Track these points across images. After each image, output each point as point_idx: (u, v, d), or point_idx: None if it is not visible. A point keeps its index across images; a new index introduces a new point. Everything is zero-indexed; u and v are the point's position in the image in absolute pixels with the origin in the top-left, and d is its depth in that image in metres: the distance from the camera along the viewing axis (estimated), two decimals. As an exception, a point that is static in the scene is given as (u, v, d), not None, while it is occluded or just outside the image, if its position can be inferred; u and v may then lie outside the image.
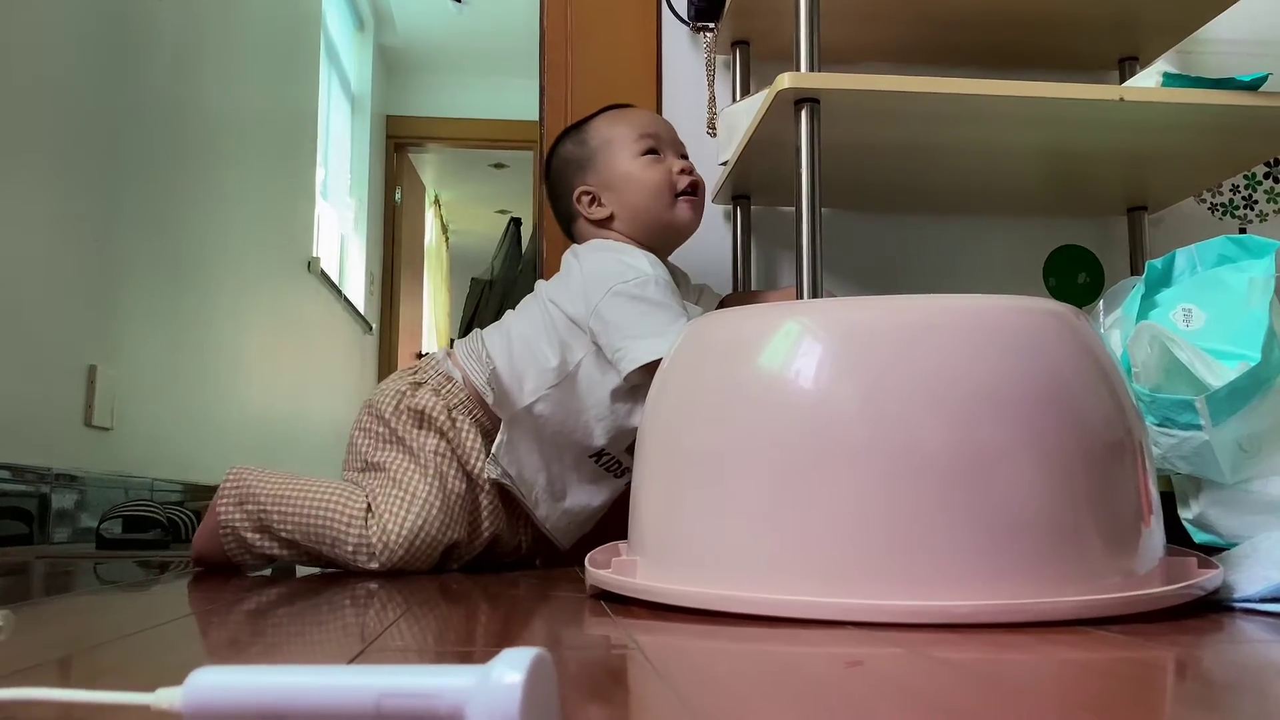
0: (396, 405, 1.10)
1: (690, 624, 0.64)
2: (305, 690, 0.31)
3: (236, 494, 1.06)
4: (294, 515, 1.03)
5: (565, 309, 1.10)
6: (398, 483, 1.04)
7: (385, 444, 1.09)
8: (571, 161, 1.22)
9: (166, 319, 2.36)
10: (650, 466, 0.79)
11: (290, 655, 0.52)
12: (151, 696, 0.32)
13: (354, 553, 1.01)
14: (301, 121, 3.60)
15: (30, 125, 1.71)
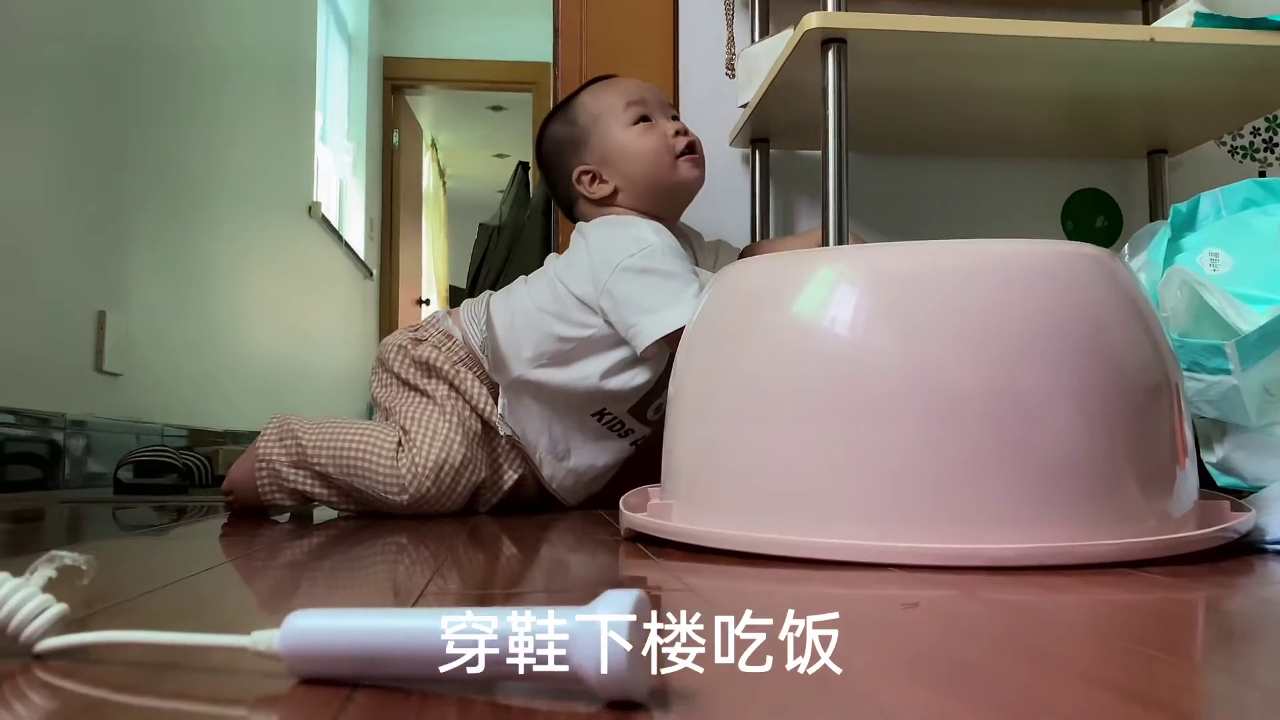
0: (401, 358, 1.12)
1: (731, 566, 0.64)
2: (403, 633, 0.31)
3: (277, 432, 1.09)
4: (329, 449, 1.05)
5: (573, 288, 1.09)
6: (417, 420, 1.07)
7: (399, 391, 1.12)
8: (564, 143, 1.20)
9: (171, 264, 2.35)
10: (685, 411, 0.79)
11: (343, 603, 0.53)
12: (249, 639, 0.33)
13: (385, 486, 1.03)
14: (300, 63, 3.55)
15: (35, 67, 1.68)
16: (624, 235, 1.09)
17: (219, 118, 2.67)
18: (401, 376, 1.12)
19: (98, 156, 1.94)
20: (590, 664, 0.28)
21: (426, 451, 1.03)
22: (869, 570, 0.62)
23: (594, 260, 1.09)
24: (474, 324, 1.12)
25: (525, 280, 1.18)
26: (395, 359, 1.13)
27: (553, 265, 1.16)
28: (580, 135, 1.18)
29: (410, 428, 1.06)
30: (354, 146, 4.57)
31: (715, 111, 1.42)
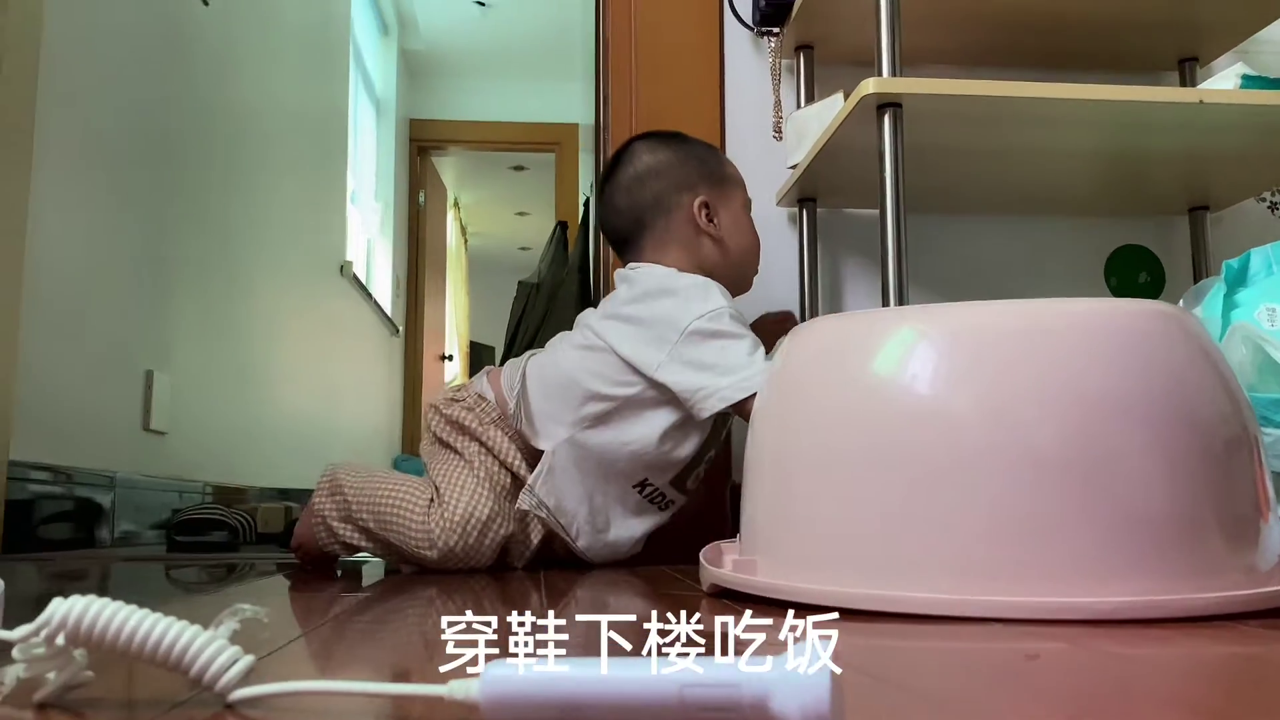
0: (437, 419, 1.15)
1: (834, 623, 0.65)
2: (605, 682, 0.32)
3: (329, 485, 1.13)
4: (368, 503, 1.09)
5: (621, 348, 1.07)
6: (447, 476, 1.09)
7: (436, 450, 1.15)
8: (692, 167, 1.17)
9: (213, 323, 2.39)
10: (766, 468, 0.81)
11: None
12: (445, 688, 0.34)
13: (416, 540, 1.05)
14: (332, 126, 3.63)
15: (88, 130, 1.73)
16: (692, 295, 1.06)
17: (257, 179, 2.73)
18: (438, 436, 1.14)
19: (144, 217, 1.98)
20: (812, 713, 0.30)
21: (453, 506, 1.05)
22: (965, 624, 0.63)
23: (656, 323, 1.06)
24: (509, 389, 1.13)
25: (560, 339, 1.18)
26: (433, 419, 1.16)
27: (590, 320, 1.13)
28: (714, 176, 1.18)
29: (441, 484, 1.08)
30: (381, 206, 4.64)
31: (761, 171, 1.45)
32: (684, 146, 1.20)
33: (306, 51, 3.26)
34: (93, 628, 0.37)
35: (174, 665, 0.37)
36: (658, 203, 1.16)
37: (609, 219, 1.21)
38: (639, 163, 1.18)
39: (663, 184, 1.16)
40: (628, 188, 1.18)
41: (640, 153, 1.19)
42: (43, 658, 0.37)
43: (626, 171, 1.19)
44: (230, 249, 2.51)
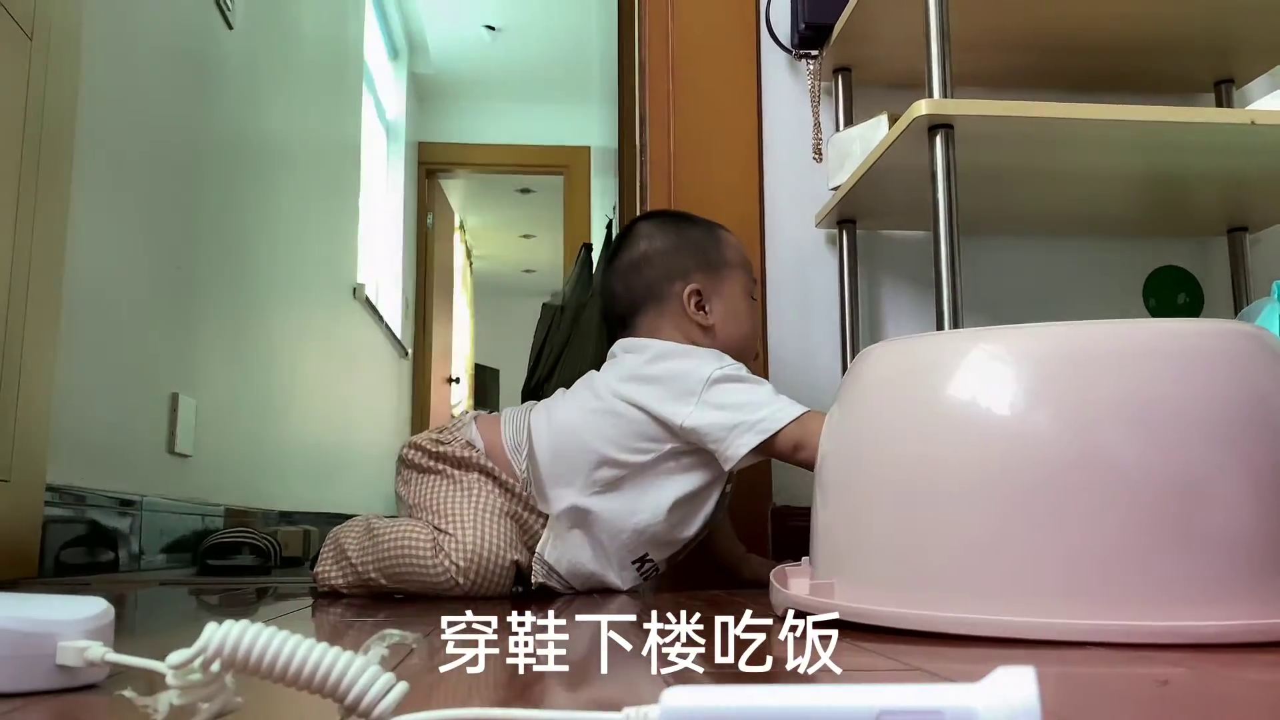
0: (420, 455, 1.11)
1: (923, 646, 0.65)
2: (796, 709, 0.32)
3: (333, 554, 1.10)
4: (374, 561, 1.05)
5: (647, 405, 1.06)
6: (444, 507, 1.05)
7: (421, 482, 1.10)
8: (692, 253, 1.17)
9: (233, 346, 2.39)
10: (840, 491, 0.80)
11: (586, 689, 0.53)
12: (620, 715, 0.33)
13: (436, 582, 1.01)
14: (345, 149, 3.64)
15: (119, 157, 1.73)
16: (705, 356, 1.09)
17: (275, 203, 2.73)
18: (422, 466, 1.10)
19: (170, 242, 1.98)
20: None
21: (462, 539, 1.01)
22: (1063, 649, 0.62)
23: (678, 377, 1.06)
24: (516, 449, 1.09)
25: (566, 399, 1.14)
26: (412, 454, 1.12)
27: (608, 383, 1.10)
28: (711, 263, 1.17)
29: (441, 523, 1.04)
30: (392, 229, 4.65)
31: (798, 193, 1.46)
32: (684, 231, 1.20)
33: (322, 75, 3.28)
34: (249, 653, 0.36)
35: (328, 692, 0.36)
36: (650, 291, 1.16)
37: (607, 302, 1.23)
38: (636, 249, 1.19)
39: (656, 272, 1.17)
40: (624, 274, 1.19)
41: (639, 238, 1.20)
42: (198, 684, 0.36)
43: (624, 257, 1.20)
44: (250, 273, 2.51)
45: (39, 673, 0.45)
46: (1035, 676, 0.30)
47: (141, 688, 0.48)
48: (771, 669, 0.57)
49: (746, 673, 0.55)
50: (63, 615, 0.46)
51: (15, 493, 1.22)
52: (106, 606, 0.48)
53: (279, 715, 0.40)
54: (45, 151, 1.27)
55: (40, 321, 1.27)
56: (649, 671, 0.53)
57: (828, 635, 0.34)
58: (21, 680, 0.44)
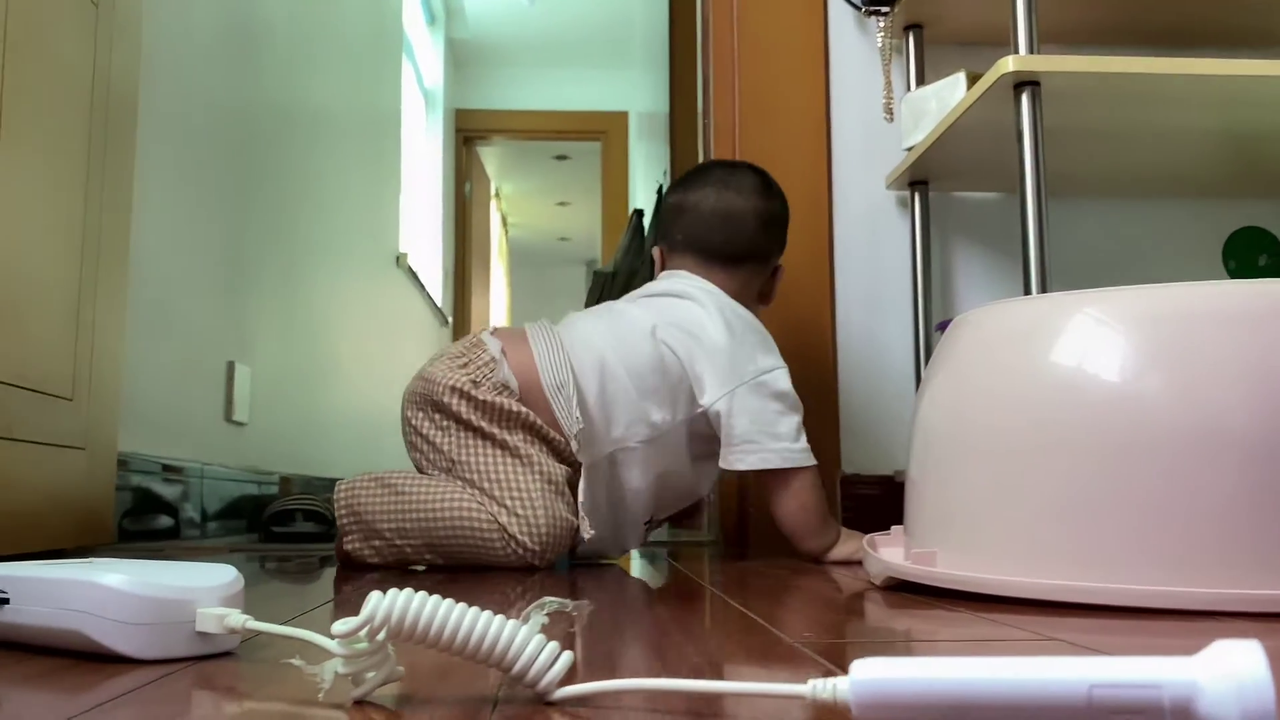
0: (462, 403, 1.00)
1: (1041, 616, 0.63)
2: (999, 682, 0.30)
3: (356, 527, 0.99)
4: (423, 536, 0.97)
5: (686, 361, 1.03)
6: (506, 481, 0.98)
7: (466, 440, 1.00)
8: (781, 230, 1.17)
9: (284, 315, 2.39)
10: (942, 460, 0.78)
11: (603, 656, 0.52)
12: (806, 687, 0.32)
13: (508, 560, 0.97)
14: (387, 118, 3.62)
15: (175, 130, 1.73)
16: (758, 345, 1.06)
17: (322, 174, 2.73)
18: (470, 423, 1.00)
19: (224, 213, 1.98)
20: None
21: (535, 521, 0.96)
22: (1185, 619, 0.61)
23: (735, 350, 1.04)
24: (557, 390, 1.01)
25: (606, 324, 1.07)
26: (456, 403, 1.00)
27: (658, 327, 1.05)
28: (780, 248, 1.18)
29: (504, 497, 0.97)
30: (431, 197, 4.64)
31: (867, 154, 1.43)
32: (786, 207, 1.18)
33: (363, 43, 3.26)
34: (415, 622, 0.35)
35: (494, 662, 0.36)
36: (759, 249, 1.15)
37: (719, 236, 1.13)
38: (775, 203, 1.16)
39: (774, 237, 1.16)
40: (764, 219, 1.14)
41: (767, 192, 1.16)
42: (363, 654, 0.35)
43: (756, 203, 1.14)
44: (298, 242, 2.51)
45: (179, 639, 0.44)
46: (1262, 650, 0.29)
47: (272, 654, 0.48)
48: (896, 639, 0.56)
49: (868, 644, 0.54)
50: (199, 583, 0.45)
51: (90, 461, 1.23)
52: (237, 575, 0.47)
53: (439, 684, 0.40)
54: (112, 121, 1.27)
55: (110, 292, 1.27)
56: (775, 640, 0.52)
57: (929, 602, 0.32)
58: (163, 647, 0.44)
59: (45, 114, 1.10)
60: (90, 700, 0.37)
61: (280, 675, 0.42)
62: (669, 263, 1.17)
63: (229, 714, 0.35)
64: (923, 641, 0.54)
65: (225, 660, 0.45)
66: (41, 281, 1.10)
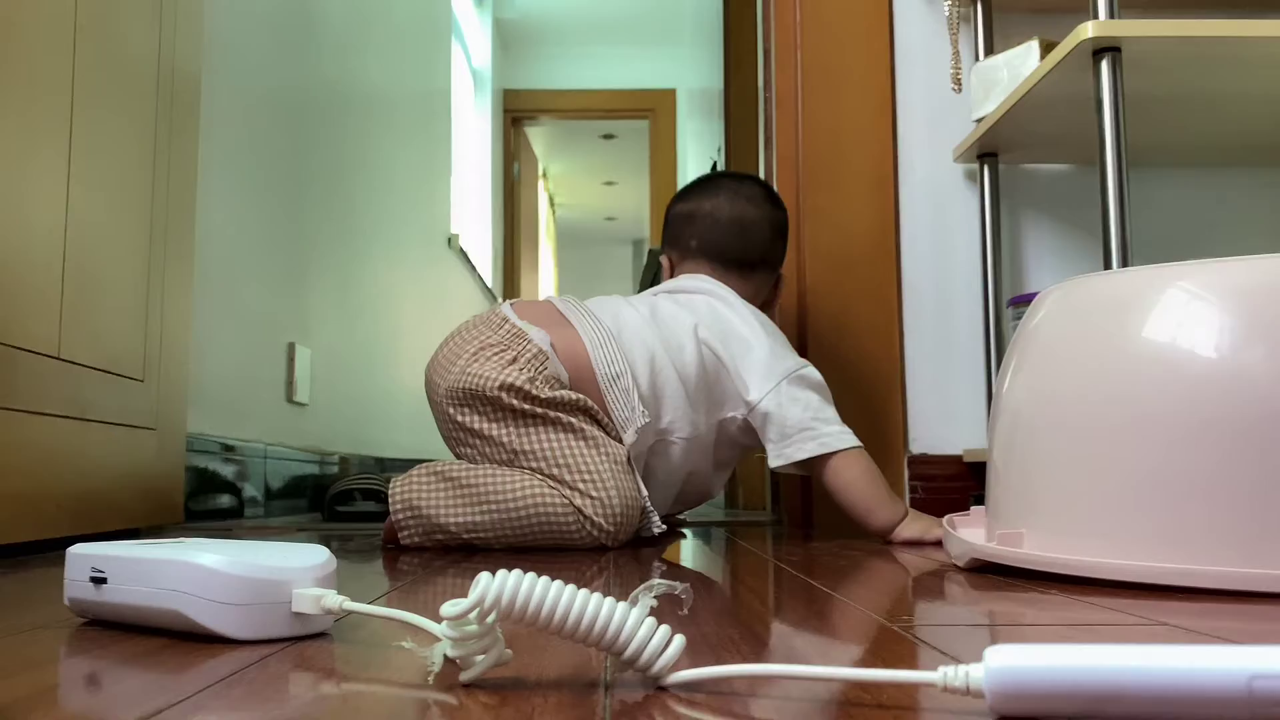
0: (518, 399, 0.98)
1: (1142, 599, 0.61)
2: (1148, 671, 0.29)
3: (417, 525, 0.97)
4: (496, 525, 0.96)
5: (729, 362, 1.06)
6: (576, 464, 0.97)
7: (532, 428, 0.99)
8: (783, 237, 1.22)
9: (341, 296, 2.41)
10: (1028, 438, 0.76)
11: (703, 640, 0.51)
12: (937, 675, 0.31)
13: (579, 544, 0.96)
14: (437, 100, 3.63)
15: (235, 113, 1.74)
16: (783, 347, 1.09)
17: (376, 156, 2.74)
18: (532, 413, 0.98)
19: (282, 196, 2.00)
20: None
21: (609, 502, 0.95)
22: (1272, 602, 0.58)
23: (763, 353, 1.06)
24: (612, 382, 1.02)
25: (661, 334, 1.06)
26: (511, 398, 0.98)
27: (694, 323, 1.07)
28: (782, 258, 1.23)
29: (575, 479, 0.96)
30: (481, 178, 4.65)
31: (933, 126, 1.40)
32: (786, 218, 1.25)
33: (413, 24, 3.26)
34: (525, 604, 0.34)
35: (605, 645, 0.35)
36: (774, 258, 1.20)
37: (734, 241, 1.17)
38: (781, 213, 1.21)
39: (783, 248, 1.22)
40: (775, 227, 1.20)
41: (781, 205, 1.22)
42: (472, 636, 0.35)
43: (766, 211, 1.19)
44: (354, 224, 2.52)
45: (276, 620, 0.44)
46: None
47: (366, 635, 0.48)
48: (996, 622, 0.54)
49: (972, 628, 0.52)
50: (294, 563, 0.45)
51: (161, 441, 1.25)
52: (330, 555, 0.47)
53: (543, 666, 0.39)
54: (176, 106, 1.28)
55: (177, 276, 1.28)
56: (866, 625, 0.51)
57: (1017, 584, 0.31)
58: (259, 627, 0.44)
59: (114, 100, 1.11)
60: (195, 681, 0.37)
61: (381, 657, 0.41)
62: (680, 269, 1.21)
63: (340, 696, 0.35)
64: (1028, 626, 0.52)
65: (321, 641, 0.45)
66: (113, 266, 1.11)
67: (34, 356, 0.94)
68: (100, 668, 0.40)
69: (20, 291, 0.92)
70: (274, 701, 0.34)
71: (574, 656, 0.41)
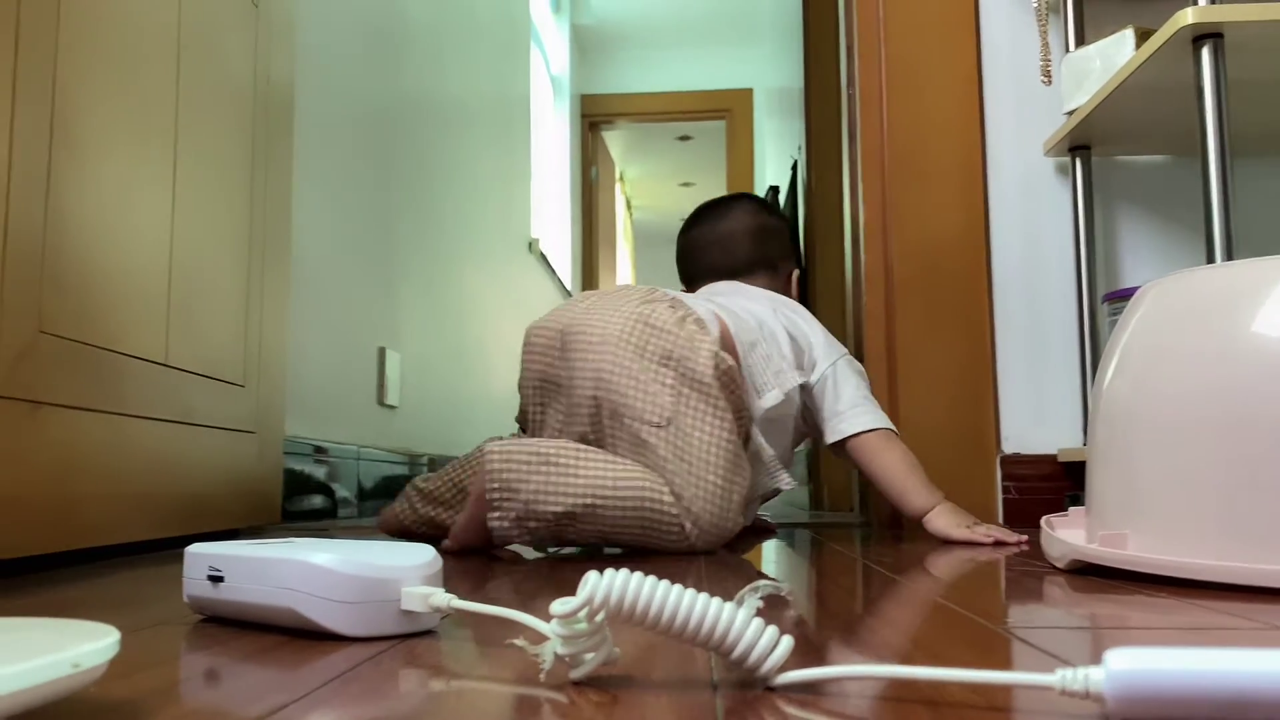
0: (716, 370, 0.94)
1: (1261, 603, 0.59)
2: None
3: (514, 506, 0.89)
4: (603, 532, 0.92)
5: (804, 336, 1.12)
6: (710, 458, 0.93)
7: (707, 401, 0.94)
8: (793, 246, 1.31)
9: (428, 301, 2.46)
10: (1132, 437, 0.74)
11: (897, 641, 0.50)
12: (1054, 678, 0.31)
13: (671, 546, 0.93)
14: (517, 106, 3.67)
15: (327, 124, 1.79)
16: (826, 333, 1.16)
17: (458, 162, 2.79)
18: (708, 390, 0.94)
19: (371, 205, 2.04)
20: None
21: (708, 514, 0.93)
22: None
23: (825, 332, 1.14)
24: (759, 360, 1.05)
25: (753, 309, 1.10)
26: (709, 367, 0.94)
27: (784, 312, 1.14)
28: (798, 258, 1.31)
29: (684, 483, 0.92)
30: (559, 182, 4.70)
31: (1023, 120, 1.37)
32: (786, 221, 1.33)
33: (494, 33, 3.31)
34: (634, 604, 0.35)
35: (713, 645, 0.35)
36: (765, 258, 1.27)
37: (720, 256, 1.27)
38: (759, 218, 1.29)
39: (774, 246, 1.28)
40: (754, 235, 1.27)
41: (757, 211, 1.30)
42: (582, 635, 0.35)
43: (746, 221, 1.28)
44: (439, 230, 2.57)
45: (386, 617, 0.45)
46: None
47: (471, 633, 0.49)
48: (1101, 625, 0.53)
49: (1080, 631, 0.51)
50: (403, 562, 0.46)
51: (261, 444, 1.29)
52: (435, 555, 0.48)
53: (650, 665, 0.39)
54: (272, 120, 1.32)
55: (275, 284, 1.32)
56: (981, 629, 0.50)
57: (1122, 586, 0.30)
58: (370, 625, 0.45)
59: (214, 114, 1.15)
60: (312, 678, 0.38)
61: (489, 655, 0.42)
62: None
63: (454, 693, 0.36)
64: (1136, 629, 0.51)
65: (429, 639, 0.46)
66: (216, 277, 1.15)
67: (143, 364, 0.98)
68: (220, 664, 0.42)
69: (130, 302, 0.96)
70: (391, 698, 0.35)
71: (680, 656, 0.41)
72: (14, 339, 0.77)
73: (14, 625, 0.34)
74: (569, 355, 0.97)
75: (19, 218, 0.78)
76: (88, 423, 0.88)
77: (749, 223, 1.28)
